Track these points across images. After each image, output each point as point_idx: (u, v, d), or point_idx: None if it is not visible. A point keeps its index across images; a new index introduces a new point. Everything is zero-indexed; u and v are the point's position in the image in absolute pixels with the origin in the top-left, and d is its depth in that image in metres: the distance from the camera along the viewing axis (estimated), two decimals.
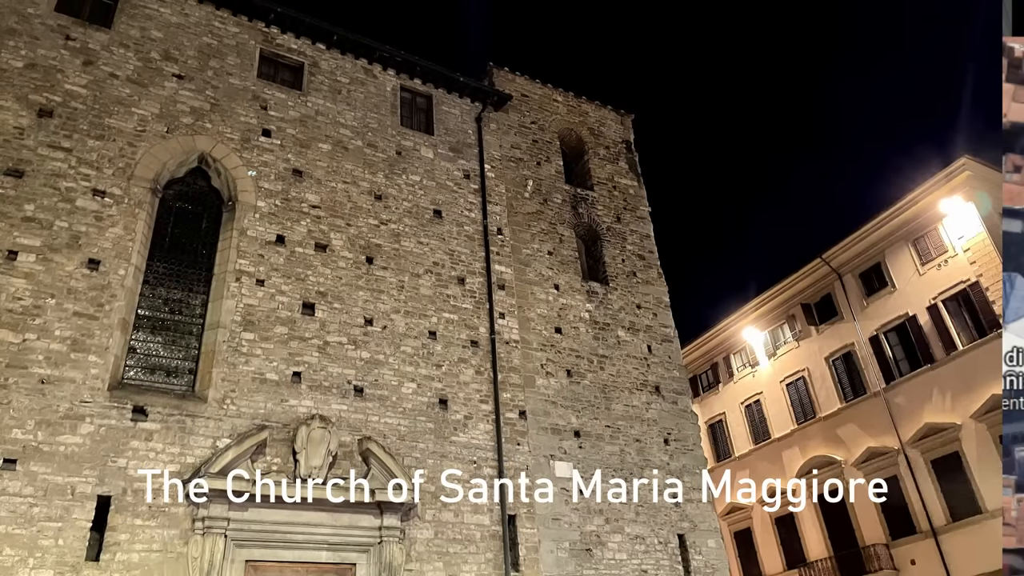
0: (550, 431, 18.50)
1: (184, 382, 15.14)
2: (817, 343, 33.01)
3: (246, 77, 18.98)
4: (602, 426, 19.32)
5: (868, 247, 31.19)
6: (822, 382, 32.45)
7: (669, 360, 21.62)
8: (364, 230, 18.50)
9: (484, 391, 18.05)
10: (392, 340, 17.41)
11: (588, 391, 19.67)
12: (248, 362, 15.44)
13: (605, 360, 20.46)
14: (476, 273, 19.69)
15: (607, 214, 23.57)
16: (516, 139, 23.23)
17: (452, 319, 18.59)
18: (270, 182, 17.82)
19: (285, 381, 15.64)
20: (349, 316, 17.13)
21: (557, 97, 25.32)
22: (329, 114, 19.76)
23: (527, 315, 19.94)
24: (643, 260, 23.26)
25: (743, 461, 35.78)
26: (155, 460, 13.72)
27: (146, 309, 15.47)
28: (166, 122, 17.18)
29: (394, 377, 16.97)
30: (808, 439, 32.49)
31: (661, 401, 20.71)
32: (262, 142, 18.28)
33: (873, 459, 29.40)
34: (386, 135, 20.44)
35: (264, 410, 15.13)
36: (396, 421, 16.48)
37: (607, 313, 21.35)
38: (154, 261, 15.94)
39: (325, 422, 15.31)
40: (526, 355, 19.28)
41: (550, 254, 21.46)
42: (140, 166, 16.28)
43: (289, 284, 16.77)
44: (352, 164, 19.31)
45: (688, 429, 20.67)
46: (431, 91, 22.23)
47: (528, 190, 22.28)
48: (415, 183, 20.13)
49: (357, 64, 21.18)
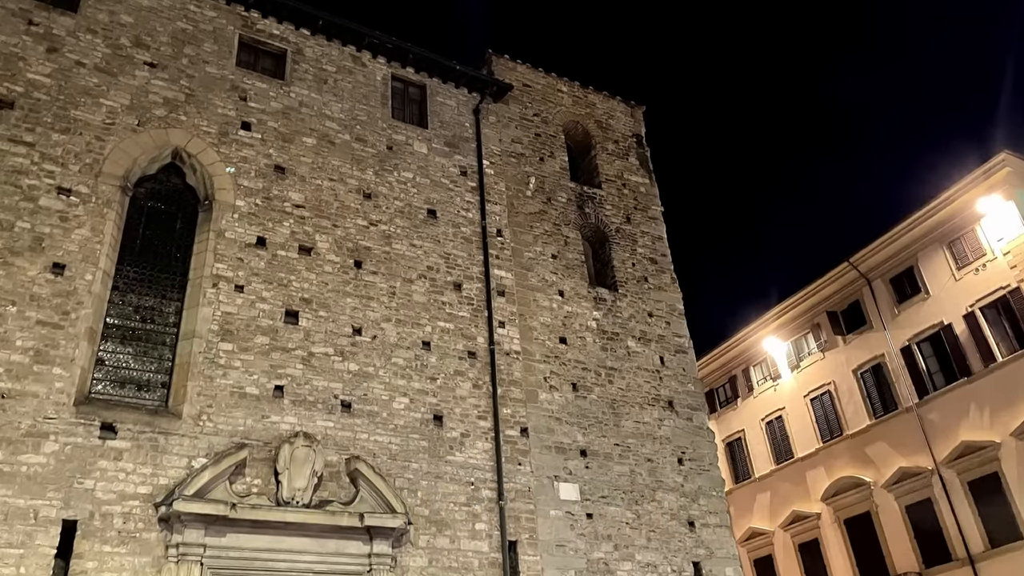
0: (554, 450, 18.51)
1: (157, 397, 15.16)
2: (844, 354, 33.00)
3: (224, 65, 19.03)
4: (610, 444, 19.32)
5: (899, 250, 31.20)
6: (849, 397, 32.43)
7: (683, 373, 21.63)
8: (352, 231, 18.53)
9: (482, 406, 18.06)
10: (382, 351, 17.42)
11: (595, 407, 19.68)
12: (226, 375, 15.45)
13: (614, 373, 20.47)
14: (474, 278, 19.71)
15: (616, 214, 23.61)
16: (517, 133, 23.27)
17: (448, 328, 18.61)
18: (250, 179, 17.85)
19: (266, 395, 15.65)
20: (336, 325, 17.15)
21: (562, 87, 25.37)
22: (314, 105, 19.81)
23: (529, 324, 19.96)
24: (655, 264, 23.29)
25: (764, 482, 35.74)
26: (125, 481, 13.72)
27: (115, 317, 15.50)
28: (137, 114, 17.23)
29: (385, 391, 16.99)
30: (834, 459, 32.46)
31: (675, 417, 20.72)
32: (241, 136, 18.32)
33: (905, 480, 29.38)
34: (376, 128, 20.49)
35: (243, 427, 15.14)
36: (387, 439, 16.48)
37: (616, 322, 21.38)
38: (124, 265, 15.98)
39: (310, 440, 15.30)
40: (528, 367, 19.29)
41: (554, 257, 21.49)
42: (109, 162, 16.31)
43: (271, 290, 16.79)
44: (339, 160, 19.35)
45: (704, 448, 20.68)
46: (425, 80, 22.29)
47: (530, 188, 22.32)
48: (407, 180, 20.17)
49: (344, 51, 21.24)
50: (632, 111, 26.66)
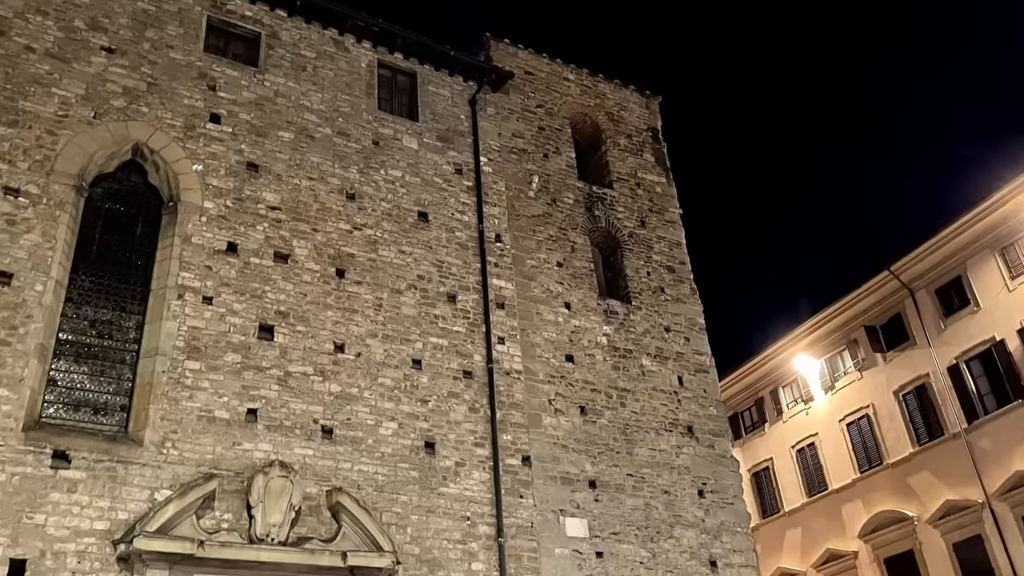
0: (560, 481, 18.53)
1: (115, 421, 15.18)
2: (884, 374, 33.02)
3: (190, 51, 19.10)
4: (623, 475, 19.35)
5: (946, 258, 31.24)
6: (890, 421, 32.43)
7: (704, 395, 21.67)
8: (334, 237, 18.59)
9: (480, 432, 18.10)
10: (368, 370, 17.46)
11: (606, 432, 19.71)
12: (193, 397, 15.48)
13: (626, 395, 20.51)
14: (470, 289, 19.77)
15: (629, 217, 23.68)
16: (518, 126, 23.36)
17: (441, 345, 18.66)
18: (220, 178, 17.91)
19: (238, 420, 15.67)
20: (316, 341, 17.19)
21: (568, 75, 25.47)
22: (291, 96, 19.88)
23: (532, 340, 20.00)
24: (673, 273, 23.35)
25: (794, 517, 35.72)
26: (80, 516, 13.72)
27: (69, 333, 15.53)
28: (93, 105, 17.29)
29: (370, 415, 17.02)
30: (873, 491, 32.45)
31: (695, 444, 20.74)
32: (210, 130, 18.39)
33: (952, 515, 29.37)
34: (360, 121, 20.57)
35: (212, 455, 15.15)
36: (373, 469, 16.50)
37: (629, 337, 21.42)
38: (79, 274, 16.02)
39: (286, 470, 15.32)
40: (531, 388, 19.33)
41: (560, 266, 21.55)
42: (62, 159, 16.37)
43: (243, 302, 16.83)
44: (319, 156, 19.42)
45: (727, 478, 20.70)
46: (415, 68, 22.38)
47: (533, 188, 22.39)
48: (396, 179, 20.24)
49: (325, 35, 21.33)
50: (647, 102, 26.77)
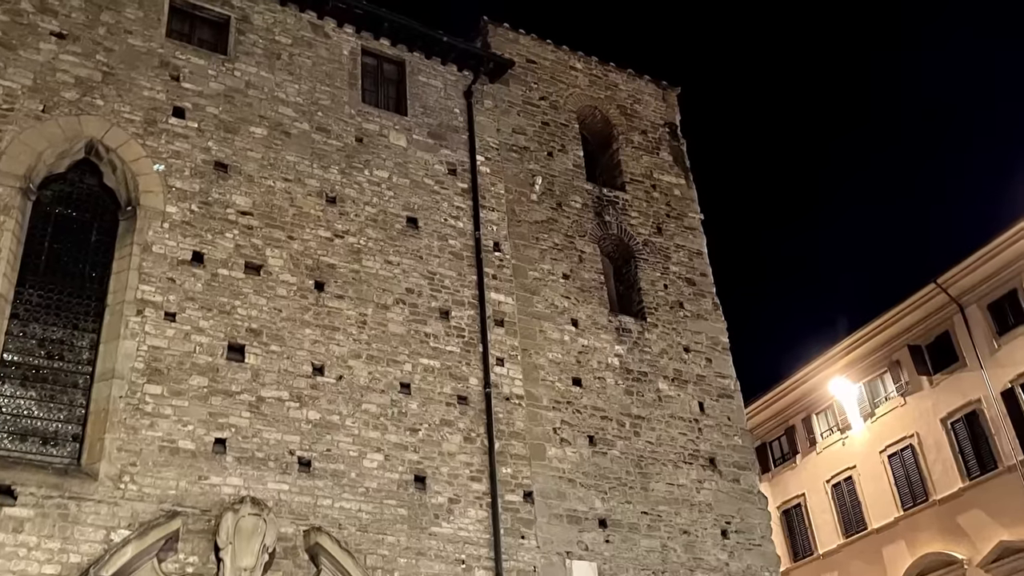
0: (566, 520, 18.49)
1: (67, 453, 15.15)
2: (930, 399, 32.99)
3: (151, 37, 19.12)
4: (637, 513, 19.31)
5: (1000, 268, 31.26)
6: (937, 452, 32.40)
7: (728, 423, 21.66)
8: (312, 245, 18.59)
9: (476, 465, 18.07)
10: (350, 395, 17.45)
11: (618, 465, 19.68)
12: (154, 425, 15.45)
13: (641, 423, 20.49)
14: (465, 304, 19.77)
15: (644, 223, 23.69)
16: (520, 121, 23.39)
17: (432, 367, 18.64)
18: (184, 180, 17.92)
19: (204, 451, 15.64)
20: (292, 363, 17.18)
21: (576, 64, 25.52)
22: (264, 87, 19.91)
23: (535, 361, 19.99)
24: (693, 286, 23.35)
25: (830, 560, 35.67)
26: (27, 559, 13.66)
27: (14, 353, 15.51)
28: (42, 98, 17.31)
29: (353, 446, 16.99)
30: (918, 530, 32.41)
31: (718, 478, 20.72)
32: (173, 125, 18.40)
33: (1007, 558, 29.32)
34: (342, 116, 20.60)
35: (176, 491, 15.11)
36: (356, 506, 16.46)
37: (644, 358, 21.41)
38: (26, 288, 16.00)
39: (259, 507, 15.28)
40: (533, 416, 19.31)
41: (566, 278, 21.55)
42: (6, 158, 16.37)
43: (210, 319, 16.82)
44: (296, 155, 19.43)
45: (754, 517, 20.67)
46: (404, 56, 22.43)
47: (536, 190, 22.39)
48: (382, 181, 20.26)
49: (302, 19, 21.35)
50: (664, 94, 26.82)
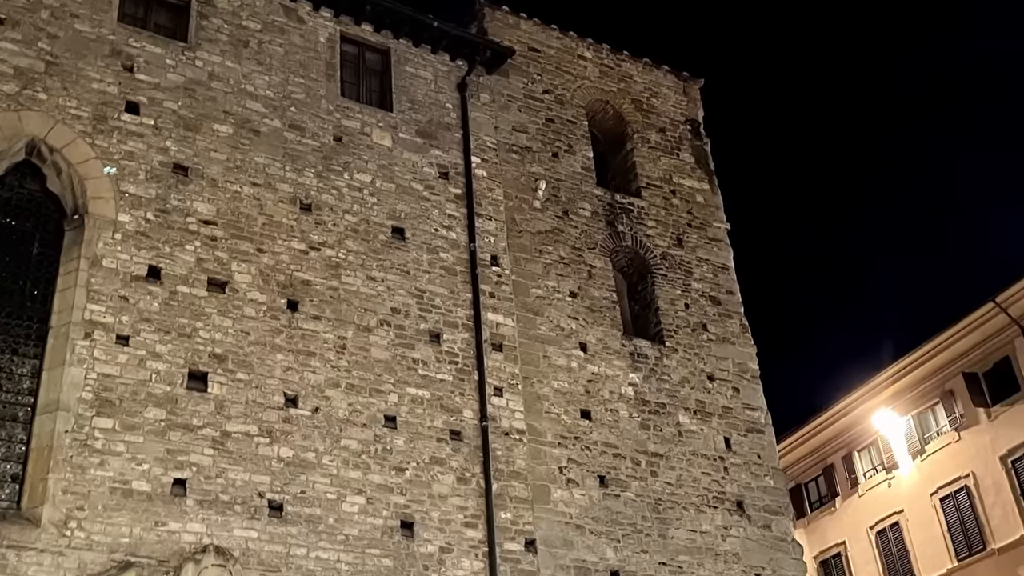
0: (573, 572, 18.49)
1: (5, 495, 15.16)
2: (988, 434, 32.98)
3: (101, 21, 19.15)
4: (654, 564, 19.31)
5: None
6: (996, 495, 32.38)
7: (758, 461, 21.65)
8: (284, 259, 18.62)
9: (471, 509, 18.07)
10: (328, 430, 17.45)
11: (632, 509, 19.69)
12: (104, 464, 15.44)
13: (659, 461, 20.49)
14: (458, 326, 19.80)
15: (662, 234, 23.71)
16: (521, 117, 23.44)
17: (421, 397, 18.66)
18: (138, 184, 17.95)
19: (162, 493, 15.64)
20: (261, 392, 17.19)
21: (585, 52, 25.57)
22: (230, 79, 19.95)
23: (538, 391, 20.00)
24: (718, 306, 23.37)
25: None
26: None
27: None
28: None
29: (331, 487, 16.99)
30: None
31: (746, 524, 20.71)
32: (126, 122, 18.44)
33: None
34: (319, 111, 20.65)
35: (129, 538, 15.10)
36: (334, 556, 16.45)
37: (662, 388, 21.41)
38: None
39: (224, 557, 15.30)
40: (536, 453, 19.32)
41: (573, 296, 21.57)
42: None
43: (168, 343, 16.83)
44: (266, 156, 19.47)
45: (788, 568, 20.66)
46: (388, 43, 22.49)
47: (539, 197, 22.42)
48: (364, 186, 20.29)
49: (273, 1, 21.39)
50: (685, 87, 26.86)
